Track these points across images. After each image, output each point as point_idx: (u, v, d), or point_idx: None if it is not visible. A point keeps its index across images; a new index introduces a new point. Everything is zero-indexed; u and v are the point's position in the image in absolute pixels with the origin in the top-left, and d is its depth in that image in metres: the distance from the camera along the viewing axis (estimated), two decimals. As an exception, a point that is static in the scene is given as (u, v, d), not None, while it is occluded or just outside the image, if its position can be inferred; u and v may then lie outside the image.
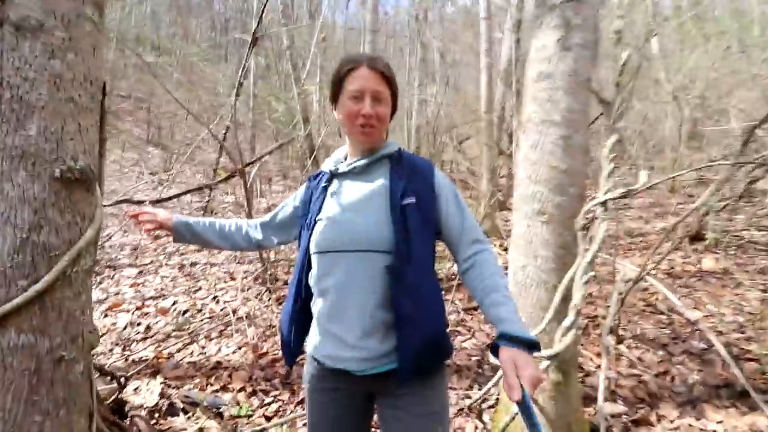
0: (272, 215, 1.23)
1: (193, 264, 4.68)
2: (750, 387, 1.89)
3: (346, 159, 1.14)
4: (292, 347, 1.09)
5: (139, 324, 3.12)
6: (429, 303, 0.98)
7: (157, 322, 3.13)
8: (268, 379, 2.29)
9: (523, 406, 0.78)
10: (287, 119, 4.77)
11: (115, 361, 2.56)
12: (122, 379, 1.70)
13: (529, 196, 1.68)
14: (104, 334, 2.89)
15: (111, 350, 2.73)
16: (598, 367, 2.51)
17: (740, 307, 3.10)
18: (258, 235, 1.23)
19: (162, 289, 3.86)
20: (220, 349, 2.67)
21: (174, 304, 3.48)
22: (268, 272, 3.85)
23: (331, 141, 5.52)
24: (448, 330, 1.04)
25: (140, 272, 4.49)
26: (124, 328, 3.08)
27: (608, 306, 2.31)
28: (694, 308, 3.11)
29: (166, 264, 4.74)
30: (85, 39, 0.90)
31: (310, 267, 1.06)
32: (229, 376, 2.31)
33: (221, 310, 3.34)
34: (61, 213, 0.84)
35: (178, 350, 2.67)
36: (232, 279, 4.00)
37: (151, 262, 4.86)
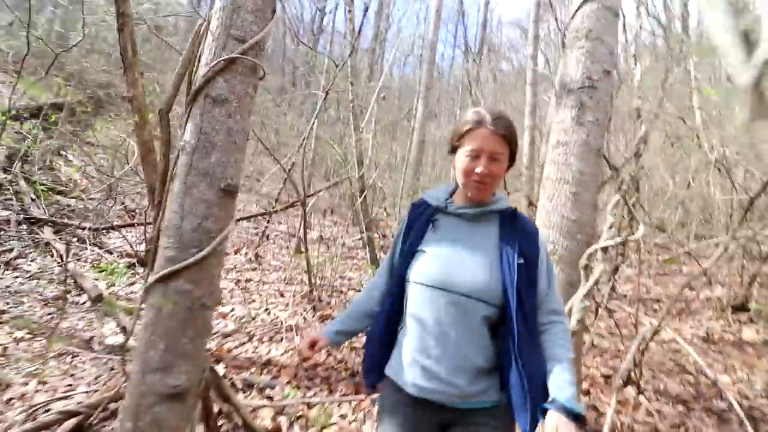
0: (389, 264, 1.22)
1: (248, 280, 5.24)
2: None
3: (451, 197, 1.15)
4: (374, 373, 1.14)
5: (203, 323, 3.64)
6: (537, 363, 1.00)
7: (218, 324, 3.63)
8: (310, 378, 2.66)
9: None
10: (343, 161, 5.42)
11: (185, 349, 3.05)
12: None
13: (543, 239, 2.02)
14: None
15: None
16: (616, 412, 2.62)
17: (774, 378, 3.06)
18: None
19: (221, 298, 4.41)
20: (270, 351, 3.09)
21: (232, 310, 3.98)
22: (314, 293, 4.30)
23: (379, 183, 6.09)
24: None
25: (203, 283, 5.12)
26: (191, 325, 3.62)
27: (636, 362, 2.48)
28: (724, 372, 3.11)
29: (225, 278, 5.35)
30: (247, 107, 1.45)
31: (403, 294, 1.09)
32: (278, 371, 2.71)
33: (271, 321, 3.79)
34: (220, 210, 1.34)
35: (236, 347, 3.12)
36: (282, 296, 4.49)
37: (213, 275, 5.51)
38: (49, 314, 3.53)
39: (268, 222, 6.64)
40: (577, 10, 2.19)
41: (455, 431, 1.04)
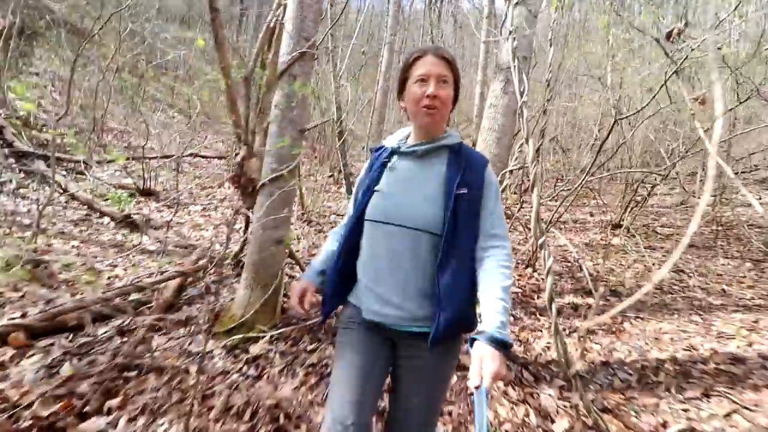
0: (352, 206, 1.27)
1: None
2: (594, 289, 3.50)
3: (407, 139, 1.23)
4: (333, 300, 1.22)
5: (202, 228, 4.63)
6: (465, 285, 1.06)
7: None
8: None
9: (479, 395, 0.87)
10: (321, 106, 6.25)
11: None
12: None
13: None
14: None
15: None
16: (517, 280, 4.11)
17: (619, 263, 4.73)
18: None
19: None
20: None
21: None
22: (305, 215, 5.40)
23: (354, 128, 7.00)
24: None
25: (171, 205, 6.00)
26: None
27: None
28: (590, 260, 4.73)
29: (224, 206, 6.26)
30: (309, 80, 2.42)
31: (361, 230, 1.17)
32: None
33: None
34: (297, 143, 2.37)
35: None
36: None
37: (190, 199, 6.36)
38: (84, 230, 4.32)
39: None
40: (509, 11, 3.23)
41: (399, 352, 1.15)
